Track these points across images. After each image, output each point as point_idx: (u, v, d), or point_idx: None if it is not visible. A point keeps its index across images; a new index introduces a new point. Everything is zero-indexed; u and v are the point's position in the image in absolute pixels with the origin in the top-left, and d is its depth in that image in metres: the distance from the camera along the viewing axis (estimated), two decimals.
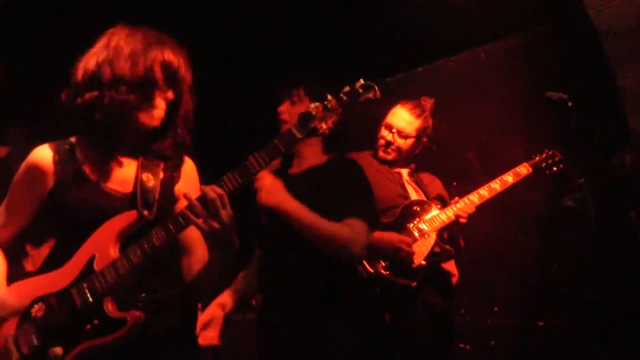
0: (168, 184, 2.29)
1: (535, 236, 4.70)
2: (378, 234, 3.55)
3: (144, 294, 2.14)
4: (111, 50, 2.16)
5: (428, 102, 3.97)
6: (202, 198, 2.02)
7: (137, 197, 2.18)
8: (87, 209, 2.15)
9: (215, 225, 2.01)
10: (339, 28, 4.91)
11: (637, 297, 3.88)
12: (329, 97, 2.12)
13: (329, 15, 4.86)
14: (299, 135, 2.09)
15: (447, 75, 5.19)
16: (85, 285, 2.08)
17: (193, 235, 2.26)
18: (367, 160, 3.90)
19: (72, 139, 2.29)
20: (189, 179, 2.37)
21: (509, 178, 3.84)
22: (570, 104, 3.08)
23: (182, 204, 2.21)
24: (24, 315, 2.11)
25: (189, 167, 2.40)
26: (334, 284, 2.87)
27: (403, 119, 3.88)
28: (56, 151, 2.23)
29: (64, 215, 2.18)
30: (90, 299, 2.06)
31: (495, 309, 4.73)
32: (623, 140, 4.04)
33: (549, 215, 4.58)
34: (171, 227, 2.06)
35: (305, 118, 2.10)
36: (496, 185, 3.81)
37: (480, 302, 4.77)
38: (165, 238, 2.06)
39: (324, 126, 2.10)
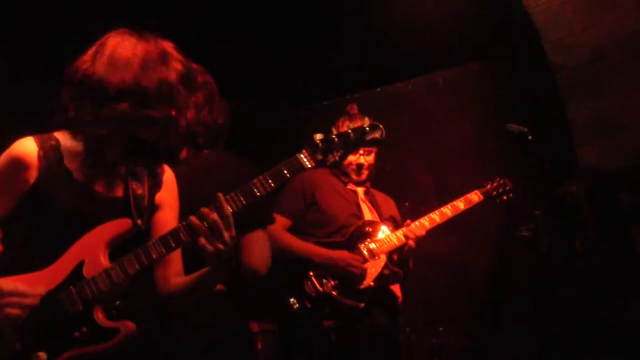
0: (151, 193, 2.31)
1: (483, 258, 4.82)
2: (329, 252, 3.65)
3: (118, 302, 2.14)
4: (135, 62, 2.12)
5: (355, 109, 4.06)
6: (207, 217, 2.04)
7: (130, 205, 2.19)
8: (72, 209, 2.12)
9: (219, 245, 2.03)
10: (299, 46, 4.97)
11: (580, 322, 4.01)
12: (335, 132, 2.18)
13: (289, 33, 4.92)
14: (307, 164, 2.13)
15: (405, 97, 5.29)
16: (74, 290, 2.05)
17: None
18: (324, 177, 3.98)
19: (57, 135, 2.23)
20: (169, 189, 2.38)
21: (460, 204, 3.97)
22: (530, 137, 3.18)
23: (162, 213, 2.26)
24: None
25: (169, 176, 2.41)
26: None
27: None
28: (41, 146, 2.17)
29: (45, 213, 2.12)
30: (80, 306, 2.04)
31: (440, 329, 4.84)
32: (570, 170, 4.17)
33: (501, 242, 4.70)
34: (171, 242, 2.08)
35: (313, 148, 2.15)
36: (447, 211, 3.93)
37: (426, 322, 4.87)
38: (164, 253, 2.08)
39: (331, 159, 2.14)
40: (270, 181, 2.11)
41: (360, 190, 4.08)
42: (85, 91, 2.13)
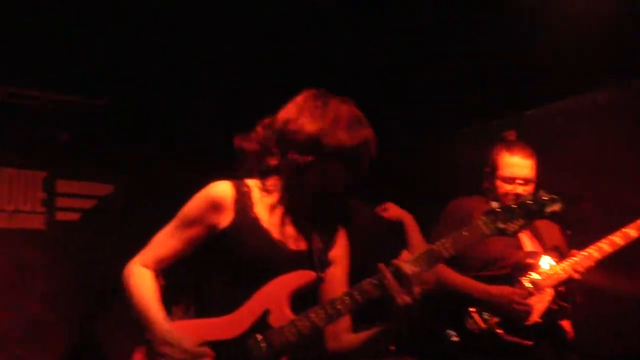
0: (328, 248, 2.37)
1: None
2: (490, 288, 3.52)
3: (285, 357, 2.17)
4: (330, 119, 2.23)
5: (513, 135, 3.95)
6: (397, 272, 2.08)
7: (313, 257, 2.27)
8: (257, 257, 2.21)
9: (408, 300, 2.06)
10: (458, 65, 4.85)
11: None
12: (514, 200, 2.23)
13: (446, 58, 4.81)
14: (486, 231, 2.16)
15: (563, 118, 5.01)
16: (261, 338, 2.13)
17: None
18: (479, 205, 3.79)
19: (249, 182, 2.34)
20: (342, 246, 2.44)
21: (631, 231, 3.65)
22: None
23: (335, 269, 2.34)
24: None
25: (342, 233, 2.46)
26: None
27: (523, 167, 3.77)
28: (237, 191, 2.28)
29: (230, 258, 2.23)
30: (269, 355, 2.11)
31: None
32: None
33: None
34: (357, 295, 2.13)
35: (491, 216, 2.17)
36: (617, 239, 3.63)
37: None
38: (350, 306, 2.13)
39: (511, 228, 2.16)
40: (451, 244, 2.15)
41: None
42: (281, 142, 2.26)
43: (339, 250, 2.41)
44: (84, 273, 5.16)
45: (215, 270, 2.27)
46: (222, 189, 2.27)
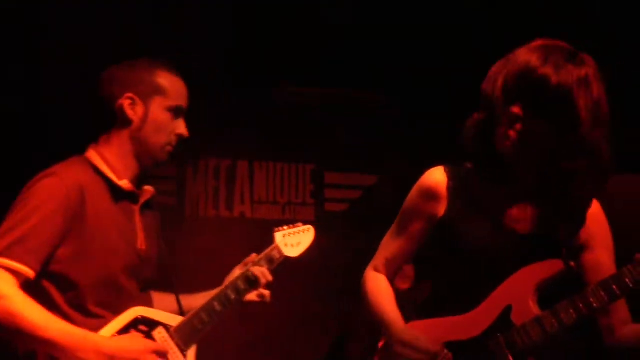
0: (576, 230, 2.09)
1: None
2: None
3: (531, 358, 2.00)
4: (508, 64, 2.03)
5: None
6: None
7: (558, 242, 2.03)
8: (484, 247, 2.05)
9: None
10: None
11: None
12: None
13: None
14: None
15: None
16: (502, 338, 1.97)
17: None
18: None
19: (469, 165, 2.19)
20: (597, 224, 2.12)
21: None
22: None
23: (592, 253, 2.07)
24: None
25: (595, 210, 2.13)
26: None
27: None
28: (450, 176, 2.17)
29: (453, 248, 2.10)
30: (510, 357, 1.95)
31: None
32: None
33: None
34: (614, 287, 1.86)
35: None
36: None
37: None
38: (606, 301, 1.88)
39: None
40: None
41: None
42: (500, 113, 1.99)
43: (594, 230, 2.09)
44: (351, 262, 5.17)
45: (442, 266, 2.16)
46: (433, 177, 2.18)
